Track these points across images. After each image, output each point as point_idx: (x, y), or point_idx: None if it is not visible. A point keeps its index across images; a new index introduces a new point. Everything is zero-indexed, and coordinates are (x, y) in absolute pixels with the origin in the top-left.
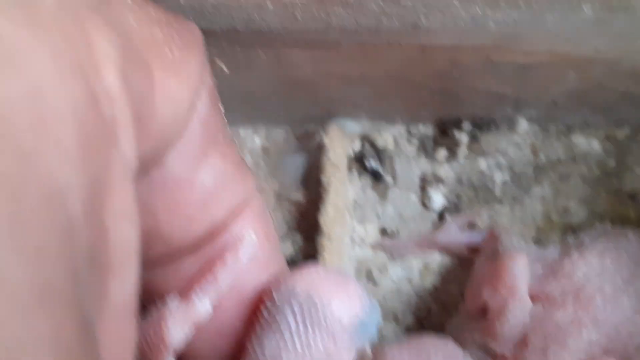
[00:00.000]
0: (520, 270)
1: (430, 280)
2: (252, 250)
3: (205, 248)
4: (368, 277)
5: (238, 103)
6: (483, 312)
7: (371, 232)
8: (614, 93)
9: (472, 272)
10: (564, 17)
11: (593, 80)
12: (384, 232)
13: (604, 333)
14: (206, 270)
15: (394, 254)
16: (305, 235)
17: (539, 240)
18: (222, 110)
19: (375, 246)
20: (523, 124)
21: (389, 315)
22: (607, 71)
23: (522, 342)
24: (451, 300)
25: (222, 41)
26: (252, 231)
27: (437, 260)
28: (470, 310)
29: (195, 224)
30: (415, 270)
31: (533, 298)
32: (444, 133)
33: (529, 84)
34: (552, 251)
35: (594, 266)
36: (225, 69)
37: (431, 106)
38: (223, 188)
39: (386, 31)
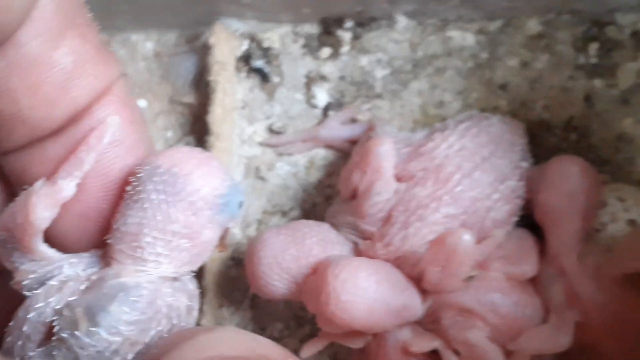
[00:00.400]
0: (385, 152)
1: (315, 175)
2: (115, 133)
3: (70, 132)
4: (256, 174)
5: (127, 5)
6: (354, 195)
7: (259, 130)
8: None
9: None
10: None
11: None
12: (271, 130)
13: (461, 208)
14: (70, 153)
15: (281, 151)
16: (198, 137)
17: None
18: None
19: (263, 144)
20: (402, 21)
21: (277, 209)
22: None
23: (387, 219)
24: (334, 193)
25: None
26: (116, 115)
27: (321, 154)
28: (343, 195)
29: (57, 107)
30: (301, 166)
31: (398, 178)
32: (328, 32)
33: None
34: (419, 135)
35: (453, 146)
36: None
37: (313, 3)
38: (84, 70)
39: None
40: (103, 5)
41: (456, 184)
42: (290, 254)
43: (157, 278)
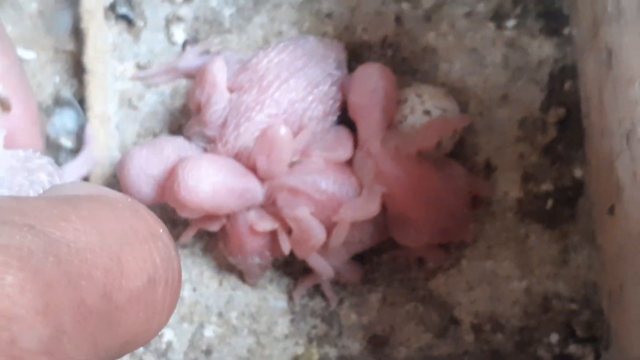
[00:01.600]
0: (218, 69)
1: (179, 101)
2: None
3: None
4: (129, 104)
5: None
6: (199, 109)
7: (129, 68)
8: None
9: None
10: None
11: None
12: (139, 66)
13: (281, 109)
14: None
15: (149, 84)
16: (80, 80)
17: None
18: None
19: (133, 78)
20: None
21: (149, 132)
22: None
23: (223, 124)
24: None
25: None
26: None
27: (183, 84)
28: (192, 109)
29: None
30: (167, 95)
31: (230, 89)
32: None
33: None
34: (249, 55)
35: (273, 60)
36: None
37: None
38: None
39: None
40: None
41: (275, 90)
42: (152, 163)
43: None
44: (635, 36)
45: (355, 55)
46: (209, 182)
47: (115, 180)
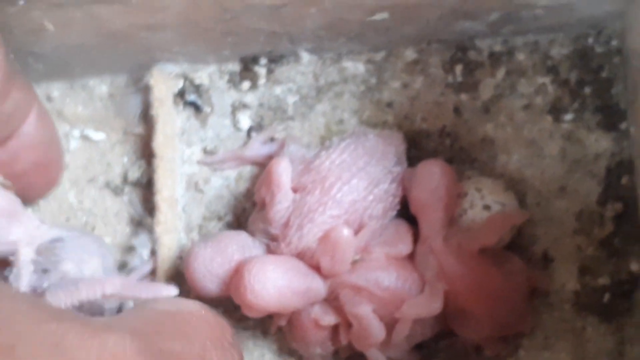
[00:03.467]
0: (283, 169)
1: (243, 186)
2: None
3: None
4: (196, 187)
5: (83, 56)
6: (264, 205)
7: (196, 152)
8: (355, 24)
9: None
10: None
11: (332, 13)
12: (205, 151)
13: (342, 209)
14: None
15: (215, 168)
16: (147, 161)
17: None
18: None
19: (200, 163)
20: (305, 56)
21: (214, 215)
22: (342, 4)
23: (286, 223)
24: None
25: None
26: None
27: (248, 169)
28: (258, 205)
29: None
30: (232, 179)
31: (294, 189)
32: (247, 69)
33: (287, 20)
34: (311, 153)
35: (335, 161)
36: (52, 27)
37: (230, 46)
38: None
39: None
40: (63, 57)
41: (337, 191)
42: (217, 262)
43: None
44: None
45: (414, 144)
46: (275, 285)
47: (181, 262)
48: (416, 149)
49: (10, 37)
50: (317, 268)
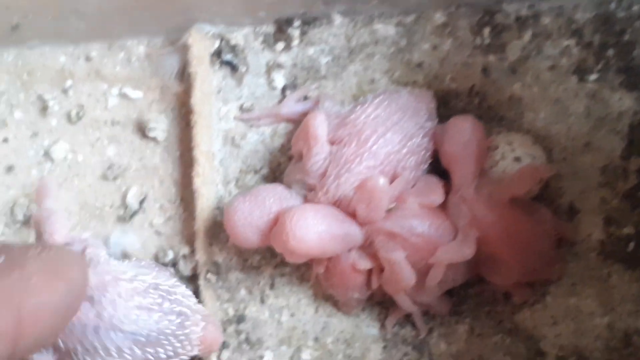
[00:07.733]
0: (319, 124)
1: (278, 141)
2: None
3: None
4: (232, 142)
5: (122, 17)
6: (300, 157)
7: (232, 109)
8: None
9: None
10: None
11: None
12: (241, 108)
13: (378, 160)
14: None
15: (251, 124)
16: (185, 118)
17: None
18: None
19: (237, 119)
20: (337, 19)
21: (251, 169)
22: None
23: (323, 173)
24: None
25: None
26: None
27: (282, 126)
28: (294, 157)
29: None
30: (267, 135)
31: (330, 142)
32: (281, 30)
33: None
34: (347, 108)
35: (370, 115)
36: None
37: (266, 8)
38: None
39: None
40: (103, 18)
41: (373, 143)
42: (256, 214)
43: None
44: None
45: (443, 103)
46: (315, 230)
47: (219, 212)
48: (445, 107)
49: None
50: (353, 215)
